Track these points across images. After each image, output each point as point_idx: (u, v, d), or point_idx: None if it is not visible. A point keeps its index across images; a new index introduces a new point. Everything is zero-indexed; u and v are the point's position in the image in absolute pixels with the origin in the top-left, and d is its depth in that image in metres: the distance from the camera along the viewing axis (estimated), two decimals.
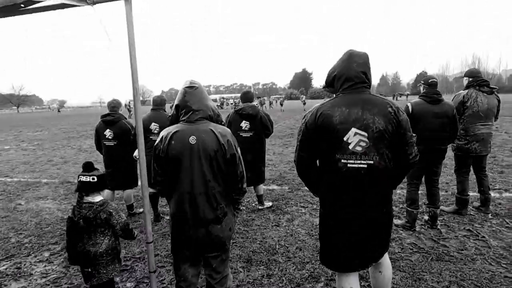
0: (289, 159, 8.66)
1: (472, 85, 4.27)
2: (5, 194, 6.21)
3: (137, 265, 3.41)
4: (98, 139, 4.77)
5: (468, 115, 4.22)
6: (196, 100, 2.12)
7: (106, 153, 4.72)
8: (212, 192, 2.08)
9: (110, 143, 4.66)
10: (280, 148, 10.57)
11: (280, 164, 8.07)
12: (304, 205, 5.01)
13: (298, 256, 3.44)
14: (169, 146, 2.03)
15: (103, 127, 4.70)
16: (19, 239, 4.18)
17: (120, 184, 4.76)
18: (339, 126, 1.93)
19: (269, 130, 4.68)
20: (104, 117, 4.70)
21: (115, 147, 4.66)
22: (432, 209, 4.00)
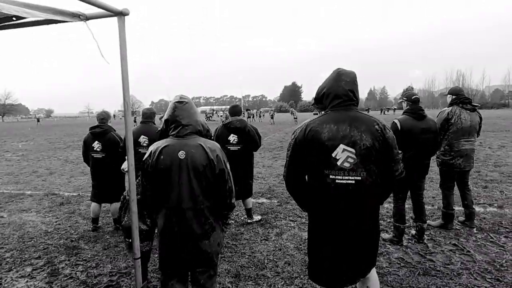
0: (279, 172, 8.68)
1: (456, 102, 4.41)
2: None
3: (123, 280, 3.34)
4: (86, 150, 4.72)
5: (453, 132, 4.34)
6: (186, 115, 2.14)
7: (94, 165, 4.67)
8: (201, 207, 2.08)
9: (98, 155, 4.62)
10: (269, 161, 10.59)
11: (269, 177, 8.07)
12: (293, 219, 5.01)
13: (286, 271, 3.43)
14: (158, 161, 2.04)
15: (91, 138, 4.66)
16: (0, 253, 4.05)
17: (107, 197, 4.70)
18: (328, 143, 1.97)
19: (257, 144, 4.70)
20: (92, 129, 4.67)
21: (103, 159, 4.62)
22: (419, 223, 4.06)
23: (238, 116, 4.65)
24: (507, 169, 8.18)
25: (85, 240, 4.42)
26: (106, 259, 3.82)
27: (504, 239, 4.08)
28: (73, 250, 4.08)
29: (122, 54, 1.60)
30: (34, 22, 1.81)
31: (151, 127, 4.58)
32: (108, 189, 4.65)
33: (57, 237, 4.53)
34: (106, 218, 5.24)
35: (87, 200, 6.04)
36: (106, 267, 3.64)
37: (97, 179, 4.69)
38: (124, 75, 1.68)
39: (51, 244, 4.29)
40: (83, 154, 4.82)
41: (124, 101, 1.72)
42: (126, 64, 1.63)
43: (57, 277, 3.43)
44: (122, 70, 1.66)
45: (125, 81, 1.68)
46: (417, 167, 3.91)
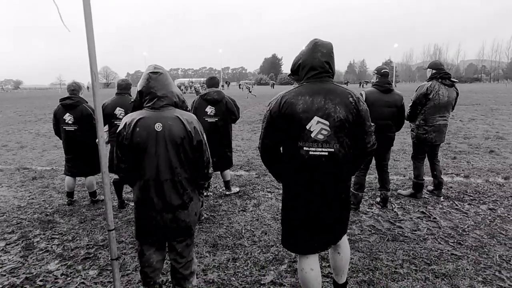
0: (257, 145, 8.72)
1: (435, 77, 4.44)
2: None
3: (100, 252, 3.35)
4: (57, 123, 4.55)
5: (430, 107, 4.41)
6: (161, 86, 2.08)
7: (66, 139, 4.53)
8: (179, 178, 2.08)
9: (70, 128, 4.49)
10: (248, 134, 10.60)
11: (248, 150, 8.12)
12: (271, 190, 5.11)
13: (263, 240, 3.53)
14: (133, 133, 1.99)
15: (62, 111, 4.50)
16: None
17: (81, 170, 4.61)
18: (302, 115, 1.98)
19: (235, 115, 4.68)
20: (63, 101, 4.49)
21: (75, 131, 4.50)
22: (383, 191, 4.31)
23: (215, 88, 4.58)
24: (475, 141, 8.57)
25: (60, 214, 4.36)
26: (83, 232, 3.81)
27: (467, 206, 4.33)
28: (48, 224, 4.03)
29: (86, 13, 1.50)
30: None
31: (127, 98, 4.44)
32: (82, 162, 4.56)
33: (31, 212, 4.44)
34: (82, 192, 5.17)
35: (62, 174, 5.90)
36: (83, 240, 3.63)
37: (71, 152, 4.57)
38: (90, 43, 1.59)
39: (25, 219, 4.21)
40: (54, 127, 4.64)
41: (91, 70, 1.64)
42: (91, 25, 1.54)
43: (32, 251, 3.40)
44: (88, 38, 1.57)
45: (91, 49, 1.60)
46: (380, 140, 4.05)
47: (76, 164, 4.58)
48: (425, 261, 3.06)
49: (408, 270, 2.91)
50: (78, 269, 3.06)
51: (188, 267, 2.23)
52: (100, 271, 3.03)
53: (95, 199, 4.79)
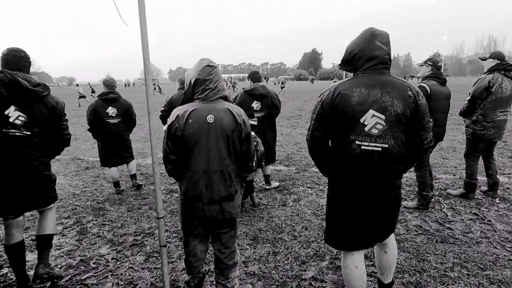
0: (297, 140, 8.67)
1: (498, 68, 4.08)
2: None
3: (147, 240, 3.51)
4: (98, 117, 4.76)
5: (490, 101, 4.06)
6: (215, 79, 2.12)
7: (109, 131, 4.83)
8: (228, 170, 2.12)
9: (114, 120, 4.83)
10: (288, 129, 10.55)
11: (287, 145, 8.08)
12: (311, 186, 5.05)
13: (303, 235, 3.50)
14: (186, 125, 2.03)
15: (103, 105, 4.79)
16: (33, 212, 4.31)
17: (126, 158, 5.08)
18: (357, 107, 1.90)
19: (279, 110, 4.68)
20: (105, 95, 4.80)
21: (119, 124, 4.87)
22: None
23: (259, 83, 4.58)
24: None
25: (110, 202, 4.63)
26: (131, 220, 4.01)
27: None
28: (99, 211, 4.29)
29: (141, 14, 1.57)
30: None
31: None
32: (124, 151, 5.02)
33: (84, 199, 4.76)
34: (130, 182, 5.45)
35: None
36: (130, 227, 3.82)
37: (113, 144, 4.89)
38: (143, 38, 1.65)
39: (79, 206, 4.52)
40: (92, 121, 4.81)
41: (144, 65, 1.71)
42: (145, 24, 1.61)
43: (86, 235, 3.64)
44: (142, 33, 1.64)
45: (144, 45, 1.66)
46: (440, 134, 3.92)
47: (119, 154, 4.97)
48: (478, 265, 2.87)
49: (459, 274, 2.75)
50: (127, 254, 3.23)
51: (231, 257, 2.27)
52: (146, 257, 3.17)
53: (136, 181, 5.21)
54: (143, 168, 6.41)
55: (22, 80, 2.45)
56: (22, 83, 2.44)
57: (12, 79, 2.41)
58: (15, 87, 2.42)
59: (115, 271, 2.96)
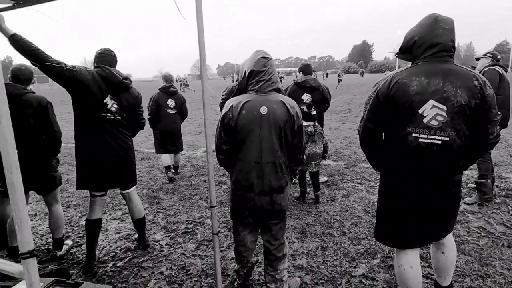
0: (346, 135, 8.43)
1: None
2: None
3: (198, 228, 3.64)
4: (159, 108, 5.24)
5: None
6: (270, 71, 2.13)
7: (168, 121, 5.29)
8: (279, 162, 2.13)
9: (172, 111, 5.30)
10: (336, 124, 10.30)
11: (336, 140, 7.89)
12: (361, 182, 4.89)
13: (353, 231, 3.41)
14: (239, 116, 2.07)
15: (164, 97, 5.26)
16: None
17: (178, 147, 5.53)
18: (415, 97, 1.79)
19: (328, 103, 4.58)
20: (166, 89, 5.27)
21: (176, 115, 5.36)
22: None
23: (310, 75, 4.52)
24: None
25: (163, 191, 4.87)
26: (182, 209, 4.19)
27: None
28: (154, 200, 4.54)
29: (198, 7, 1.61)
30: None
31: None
32: (178, 140, 5.47)
33: (140, 188, 5.05)
34: (182, 173, 5.69)
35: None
36: (182, 216, 4.00)
37: (170, 132, 5.34)
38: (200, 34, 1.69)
39: None
40: (154, 111, 5.27)
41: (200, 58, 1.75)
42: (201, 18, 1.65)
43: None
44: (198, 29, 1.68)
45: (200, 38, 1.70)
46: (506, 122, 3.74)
47: (172, 143, 5.41)
48: None
49: None
50: (179, 241, 3.39)
51: (281, 249, 2.28)
52: (197, 245, 3.30)
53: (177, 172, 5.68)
54: (193, 160, 6.65)
55: (116, 74, 2.83)
56: (117, 76, 2.83)
57: (109, 73, 2.78)
58: (111, 79, 2.79)
59: (168, 256, 3.11)
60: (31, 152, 2.87)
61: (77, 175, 2.88)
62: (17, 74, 2.88)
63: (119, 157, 2.91)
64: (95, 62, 2.89)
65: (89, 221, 2.93)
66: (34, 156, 2.90)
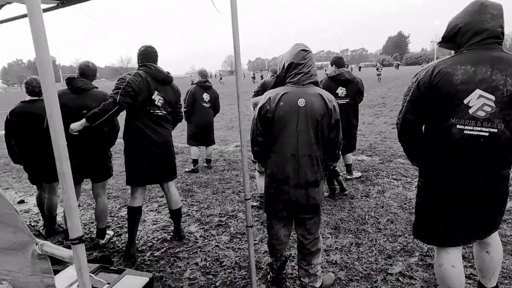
0: (380, 130, 8.18)
1: None
2: (120, 153, 7.21)
3: (231, 221, 3.70)
4: (195, 101, 5.47)
5: None
6: (309, 64, 2.13)
7: (203, 114, 5.51)
8: (315, 155, 2.11)
9: (206, 105, 5.52)
10: (370, 118, 10.02)
11: (370, 135, 7.68)
12: (397, 178, 4.73)
13: (389, 228, 3.31)
14: (277, 107, 2.07)
15: (200, 91, 5.48)
16: None
17: (210, 140, 5.73)
18: (460, 87, 1.69)
19: (363, 96, 4.46)
20: (202, 83, 5.49)
21: (209, 108, 5.58)
22: None
23: (344, 68, 4.41)
24: None
25: (197, 185, 4.98)
26: (216, 202, 4.27)
27: None
28: (188, 193, 4.66)
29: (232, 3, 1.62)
30: None
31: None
32: (210, 134, 5.68)
33: (175, 181, 5.19)
34: (214, 167, 5.78)
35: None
36: (216, 209, 4.07)
37: (204, 125, 5.56)
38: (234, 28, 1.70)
39: None
40: (190, 104, 5.52)
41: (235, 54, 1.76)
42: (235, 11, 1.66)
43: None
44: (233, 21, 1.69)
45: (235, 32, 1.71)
46: None
47: (205, 136, 5.62)
48: None
49: None
50: (213, 233, 3.46)
51: (315, 244, 2.26)
52: (231, 237, 3.35)
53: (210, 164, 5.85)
54: (226, 154, 6.74)
55: (161, 69, 3.02)
56: (162, 72, 3.02)
57: (155, 70, 2.97)
58: (158, 75, 2.98)
59: (203, 247, 3.19)
60: (94, 142, 3.10)
61: (127, 171, 3.06)
62: (85, 70, 3.16)
63: (164, 151, 3.08)
64: (139, 60, 3.05)
65: (131, 208, 3.09)
66: (96, 146, 3.13)
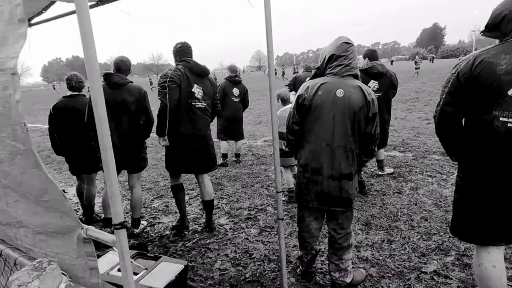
0: (413, 125, 7.91)
1: None
2: (153, 147, 7.45)
3: (260, 215, 3.73)
4: (225, 95, 5.50)
5: None
6: (351, 56, 2.12)
7: (231, 108, 5.54)
8: (351, 147, 2.09)
9: (236, 100, 5.56)
10: (403, 113, 9.69)
11: (402, 130, 7.44)
12: (431, 175, 4.56)
13: (423, 226, 3.21)
14: (315, 96, 2.08)
15: (230, 86, 5.53)
16: (165, 183, 5.02)
17: (240, 134, 5.79)
18: (504, 77, 1.60)
19: (396, 90, 4.32)
20: (232, 78, 5.54)
21: (239, 103, 5.61)
22: None
23: (377, 61, 4.30)
24: None
25: (226, 179, 5.05)
26: (245, 196, 4.31)
27: None
28: (218, 186, 4.73)
29: None
30: None
31: None
32: (240, 129, 5.75)
33: None
34: (243, 161, 5.84)
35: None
36: (245, 202, 4.11)
37: (233, 120, 5.61)
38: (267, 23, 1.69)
39: None
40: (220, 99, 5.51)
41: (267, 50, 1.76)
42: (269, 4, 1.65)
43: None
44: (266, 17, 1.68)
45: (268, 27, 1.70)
46: None
47: (234, 130, 5.69)
48: None
49: None
50: (242, 226, 3.50)
51: (346, 239, 2.24)
52: (260, 231, 3.38)
53: (239, 159, 5.90)
54: (254, 149, 6.78)
55: (198, 63, 3.19)
56: (199, 65, 3.19)
57: (193, 63, 3.14)
58: (196, 69, 3.14)
59: (233, 239, 3.24)
60: (131, 135, 3.24)
61: (167, 162, 3.28)
62: (120, 65, 3.27)
63: (203, 145, 3.23)
64: (177, 56, 3.20)
65: (173, 186, 3.39)
66: (132, 138, 3.26)
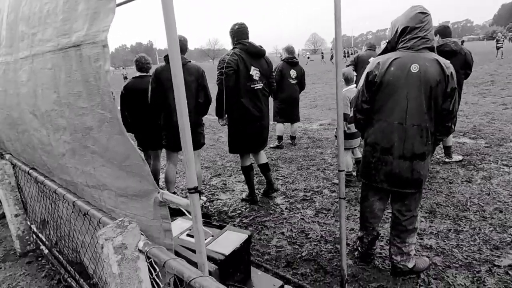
0: (487, 110, 7.19)
1: None
2: (210, 129, 7.72)
3: (316, 197, 3.71)
4: (282, 77, 5.43)
5: None
6: (427, 27, 1.95)
7: (288, 90, 5.47)
8: (426, 125, 1.96)
9: (293, 82, 5.49)
10: (474, 98, 8.85)
11: (474, 116, 6.81)
12: (509, 164, 4.14)
13: (497, 217, 2.95)
14: (386, 72, 1.96)
15: (287, 68, 5.45)
16: (223, 163, 5.20)
17: (296, 117, 5.71)
18: None
19: (471, 70, 3.94)
20: (290, 60, 5.47)
21: (295, 85, 5.53)
22: None
23: (450, 38, 3.95)
24: None
25: (281, 160, 5.08)
26: (300, 178, 4.31)
27: None
28: (273, 167, 4.78)
29: None
30: None
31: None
32: (296, 110, 5.68)
33: None
34: (298, 144, 5.81)
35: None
36: (300, 184, 4.11)
37: (290, 102, 5.55)
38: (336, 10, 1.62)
39: None
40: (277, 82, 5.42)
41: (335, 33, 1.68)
42: None
43: (262, 185, 4.14)
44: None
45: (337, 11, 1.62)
46: None
47: (291, 112, 5.62)
48: None
49: None
50: (298, 207, 3.51)
51: (412, 222, 2.14)
52: (316, 212, 3.37)
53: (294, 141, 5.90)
54: (309, 132, 6.70)
55: (255, 44, 3.28)
56: (256, 46, 3.29)
57: (250, 45, 3.26)
58: (253, 50, 3.26)
59: (288, 219, 3.27)
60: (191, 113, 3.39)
61: (230, 142, 3.52)
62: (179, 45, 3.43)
63: (263, 124, 3.41)
64: (234, 38, 3.29)
65: (243, 167, 3.63)
66: (193, 116, 3.39)
